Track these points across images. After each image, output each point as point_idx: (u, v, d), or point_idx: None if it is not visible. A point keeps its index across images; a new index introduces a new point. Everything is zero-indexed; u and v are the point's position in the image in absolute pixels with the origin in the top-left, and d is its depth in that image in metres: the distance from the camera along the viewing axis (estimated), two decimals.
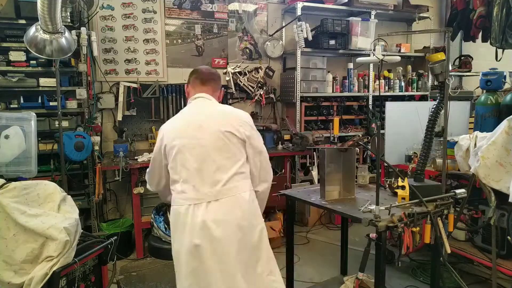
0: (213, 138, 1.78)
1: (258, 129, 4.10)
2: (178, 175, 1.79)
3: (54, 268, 1.80)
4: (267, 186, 1.97)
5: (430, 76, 4.85)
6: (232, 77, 4.26)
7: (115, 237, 2.26)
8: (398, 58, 3.43)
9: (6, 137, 2.22)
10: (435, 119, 2.28)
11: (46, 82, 3.27)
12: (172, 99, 4.10)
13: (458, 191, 2.16)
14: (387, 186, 2.59)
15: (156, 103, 4.07)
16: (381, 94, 4.60)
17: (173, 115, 2.08)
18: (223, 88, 2.11)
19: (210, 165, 1.76)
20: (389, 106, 3.38)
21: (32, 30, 2.37)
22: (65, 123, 3.32)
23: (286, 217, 3.14)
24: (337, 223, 4.14)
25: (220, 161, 1.77)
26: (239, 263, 1.72)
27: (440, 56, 2.32)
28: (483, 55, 4.89)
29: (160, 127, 1.96)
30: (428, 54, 4.83)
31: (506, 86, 3.30)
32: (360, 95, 4.58)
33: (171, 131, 1.87)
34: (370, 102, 4.60)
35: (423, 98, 4.89)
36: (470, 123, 3.50)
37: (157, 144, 1.91)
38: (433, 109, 2.28)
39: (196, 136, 1.79)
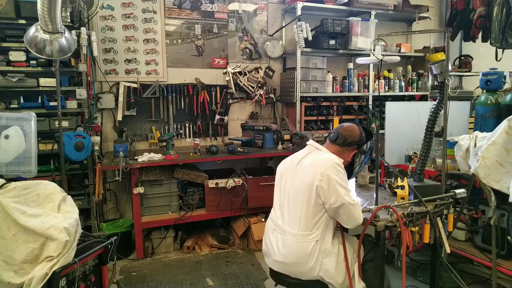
0: None
1: (258, 129, 4.14)
2: None
3: (54, 268, 1.81)
4: None
5: (430, 76, 4.85)
6: (232, 77, 4.26)
7: (115, 237, 2.27)
8: (398, 58, 3.43)
9: (6, 137, 2.23)
10: (435, 119, 2.28)
11: (46, 82, 3.27)
12: (172, 99, 4.11)
13: (458, 191, 2.16)
14: (386, 186, 2.59)
15: (156, 103, 4.08)
16: (381, 94, 4.60)
17: (173, 115, 2.09)
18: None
19: None
20: (389, 106, 3.37)
21: (32, 30, 2.37)
22: (65, 123, 3.32)
23: None
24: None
25: None
26: None
27: (440, 56, 2.32)
28: (483, 55, 4.89)
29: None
30: (428, 54, 4.83)
31: (506, 86, 3.30)
32: (360, 95, 4.58)
33: None
34: (370, 102, 4.60)
35: (423, 98, 4.89)
36: (470, 123, 3.50)
37: None
38: (433, 109, 2.28)
39: None
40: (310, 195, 1.91)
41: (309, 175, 1.93)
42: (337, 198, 1.87)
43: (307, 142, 2.15)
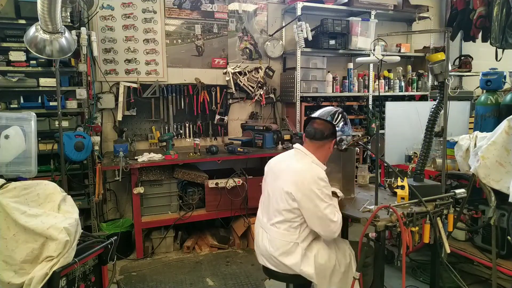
0: None
1: (258, 129, 4.14)
2: None
3: (54, 268, 1.81)
4: None
5: (430, 76, 4.85)
6: (232, 77, 4.26)
7: (115, 237, 2.27)
8: (398, 58, 3.43)
9: (6, 137, 2.23)
10: (435, 119, 2.28)
11: (46, 82, 3.27)
12: (172, 99, 4.11)
13: (458, 191, 2.16)
14: (386, 186, 2.59)
15: (156, 103, 4.08)
16: (381, 94, 4.60)
17: (173, 115, 2.08)
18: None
19: None
20: (389, 106, 3.38)
21: (32, 30, 2.37)
22: (65, 123, 3.32)
23: None
24: None
25: None
26: None
27: (440, 56, 2.32)
28: (483, 55, 4.89)
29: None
30: (428, 54, 4.83)
31: (506, 86, 3.30)
32: (360, 95, 4.58)
33: None
34: (370, 102, 4.60)
35: (423, 98, 4.89)
36: (470, 123, 3.50)
37: None
38: (433, 109, 2.28)
39: None
40: (291, 200, 1.96)
41: (292, 183, 1.96)
42: (316, 211, 1.92)
43: (294, 146, 2.18)
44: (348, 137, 2.14)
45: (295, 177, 1.97)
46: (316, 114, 2.15)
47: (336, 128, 2.07)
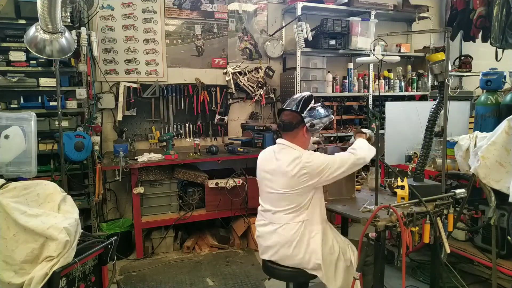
0: None
1: (258, 129, 4.14)
2: None
3: (54, 268, 1.81)
4: None
5: (430, 76, 4.85)
6: (232, 77, 4.27)
7: (115, 237, 2.27)
8: (398, 58, 3.43)
9: (6, 137, 2.23)
10: (435, 119, 2.28)
11: (46, 82, 3.27)
12: (172, 99, 4.11)
13: (458, 191, 2.15)
14: (386, 186, 2.59)
15: (156, 103, 4.08)
16: (381, 94, 4.60)
17: (173, 115, 2.08)
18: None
19: None
20: (389, 106, 3.37)
21: (32, 30, 2.37)
22: (65, 123, 3.32)
23: None
24: (337, 223, 4.14)
25: None
26: None
27: (440, 56, 2.32)
28: (483, 55, 4.89)
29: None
30: (428, 54, 4.83)
31: (506, 86, 3.29)
32: (360, 95, 4.58)
33: None
34: (370, 102, 4.60)
35: (423, 98, 4.89)
36: (470, 123, 3.50)
37: None
38: (433, 109, 2.28)
39: None
40: (295, 184, 1.98)
41: (291, 168, 1.99)
42: (331, 171, 1.99)
43: (277, 141, 2.20)
44: (322, 119, 2.14)
45: (293, 161, 1.99)
46: (284, 104, 2.17)
47: (303, 115, 2.07)
